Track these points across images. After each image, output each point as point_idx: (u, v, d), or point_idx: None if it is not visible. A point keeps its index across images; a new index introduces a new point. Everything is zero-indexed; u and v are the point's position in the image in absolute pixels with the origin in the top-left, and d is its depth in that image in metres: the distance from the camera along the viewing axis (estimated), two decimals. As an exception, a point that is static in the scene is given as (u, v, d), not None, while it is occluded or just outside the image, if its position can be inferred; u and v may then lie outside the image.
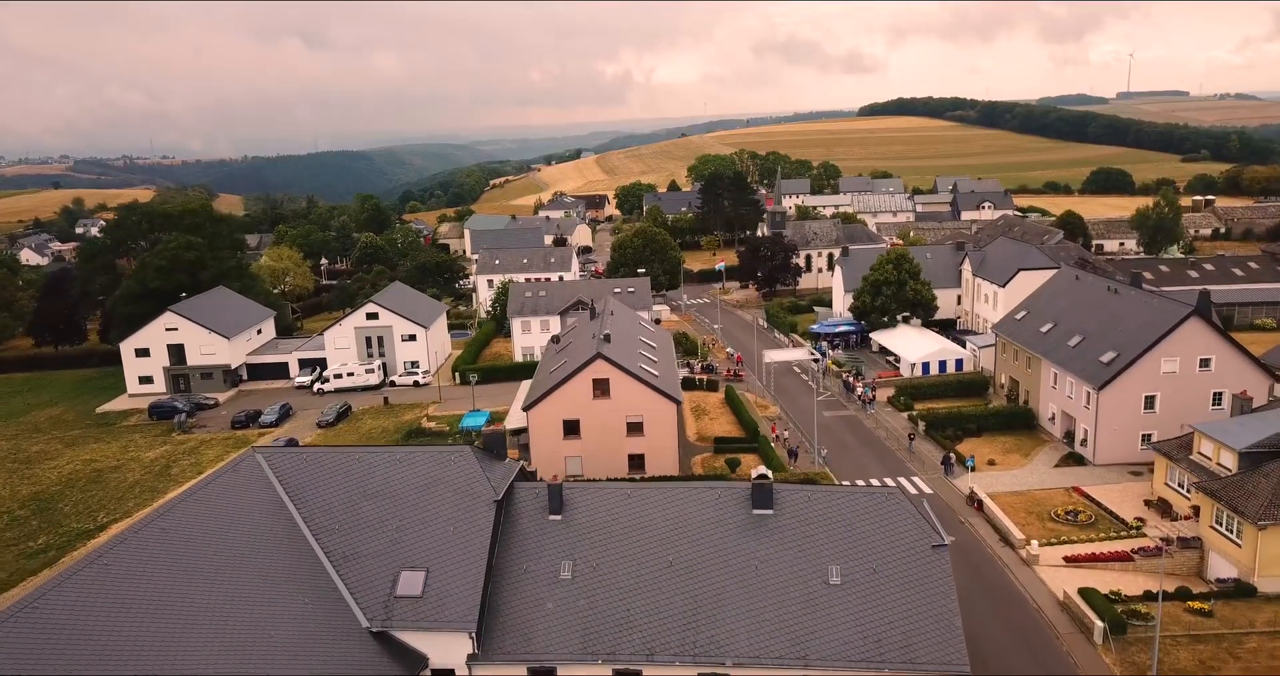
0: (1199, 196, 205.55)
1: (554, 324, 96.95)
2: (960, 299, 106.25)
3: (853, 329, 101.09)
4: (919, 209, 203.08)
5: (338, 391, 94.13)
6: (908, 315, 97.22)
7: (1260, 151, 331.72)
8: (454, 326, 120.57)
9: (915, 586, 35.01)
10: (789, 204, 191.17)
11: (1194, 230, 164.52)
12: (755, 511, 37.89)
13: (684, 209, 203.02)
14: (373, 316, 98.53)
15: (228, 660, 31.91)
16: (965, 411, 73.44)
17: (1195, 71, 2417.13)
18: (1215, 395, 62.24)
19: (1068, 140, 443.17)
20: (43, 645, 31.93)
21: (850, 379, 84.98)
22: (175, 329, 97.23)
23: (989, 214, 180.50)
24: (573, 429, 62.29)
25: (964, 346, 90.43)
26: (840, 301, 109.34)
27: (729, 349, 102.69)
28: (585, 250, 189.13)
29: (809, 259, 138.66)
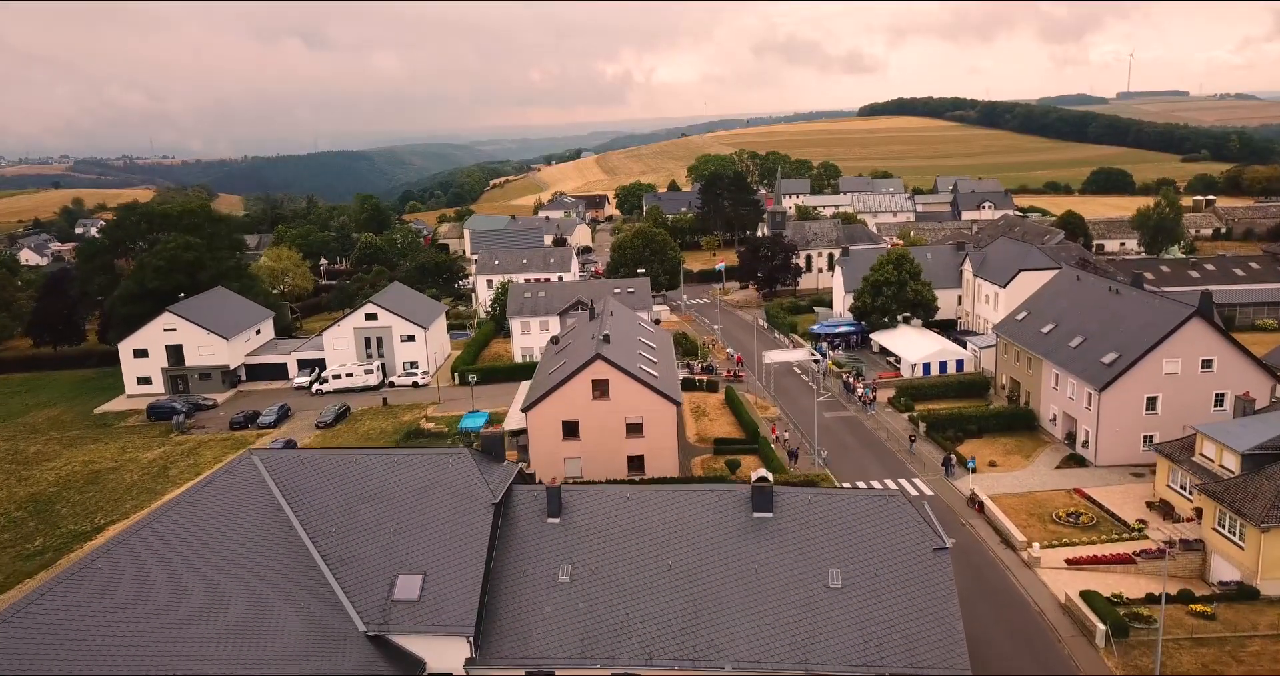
0: (1199, 196, 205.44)
1: (553, 324, 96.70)
2: (961, 299, 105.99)
3: (853, 329, 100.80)
4: (919, 209, 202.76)
5: (336, 392, 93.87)
6: (908, 316, 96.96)
7: (1260, 151, 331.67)
8: (453, 327, 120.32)
9: (916, 590, 34.76)
10: (789, 204, 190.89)
11: (1195, 230, 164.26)
12: (755, 514, 37.64)
13: (684, 209, 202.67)
14: (372, 317, 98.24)
15: (223, 664, 31.69)
16: (966, 412, 73.13)
17: (1195, 71, 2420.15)
18: (1217, 396, 61.98)
19: (1068, 140, 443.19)
20: (37, 648, 31.73)
21: (851, 380, 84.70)
22: (173, 329, 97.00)
23: (989, 214, 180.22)
24: (572, 430, 62.00)
25: (965, 347, 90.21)
26: (840, 302, 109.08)
27: (729, 349, 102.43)
28: (585, 250, 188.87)
29: (809, 259, 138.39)
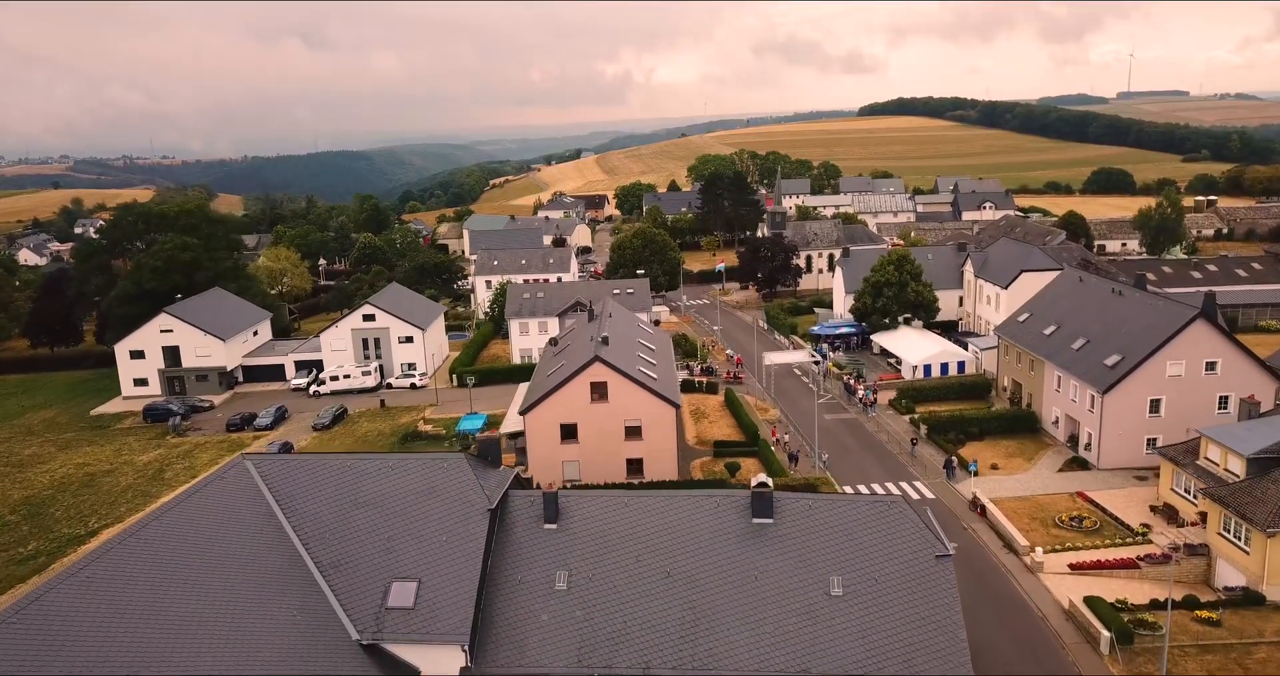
0: (1200, 197, 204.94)
1: (552, 325, 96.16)
2: (962, 300, 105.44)
3: (853, 330, 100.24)
4: (920, 209, 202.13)
5: (334, 394, 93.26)
6: (909, 317, 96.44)
7: (1261, 151, 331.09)
8: (452, 328, 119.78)
9: (919, 597, 34.17)
10: (789, 204, 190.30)
11: (1196, 231, 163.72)
12: (755, 520, 37.05)
13: (684, 209, 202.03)
14: (369, 318, 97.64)
15: (213, 673, 31.21)
16: (967, 415, 72.58)
17: (1195, 71, 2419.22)
18: (1221, 399, 61.42)
19: (1068, 140, 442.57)
20: (21, 658, 31.25)
21: (851, 381, 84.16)
22: (170, 330, 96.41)
23: (990, 214, 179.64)
24: (570, 433, 61.44)
25: (966, 348, 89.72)
26: (841, 303, 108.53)
27: (729, 351, 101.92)
28: (584, 251, 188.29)
29: (809, 260, 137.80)
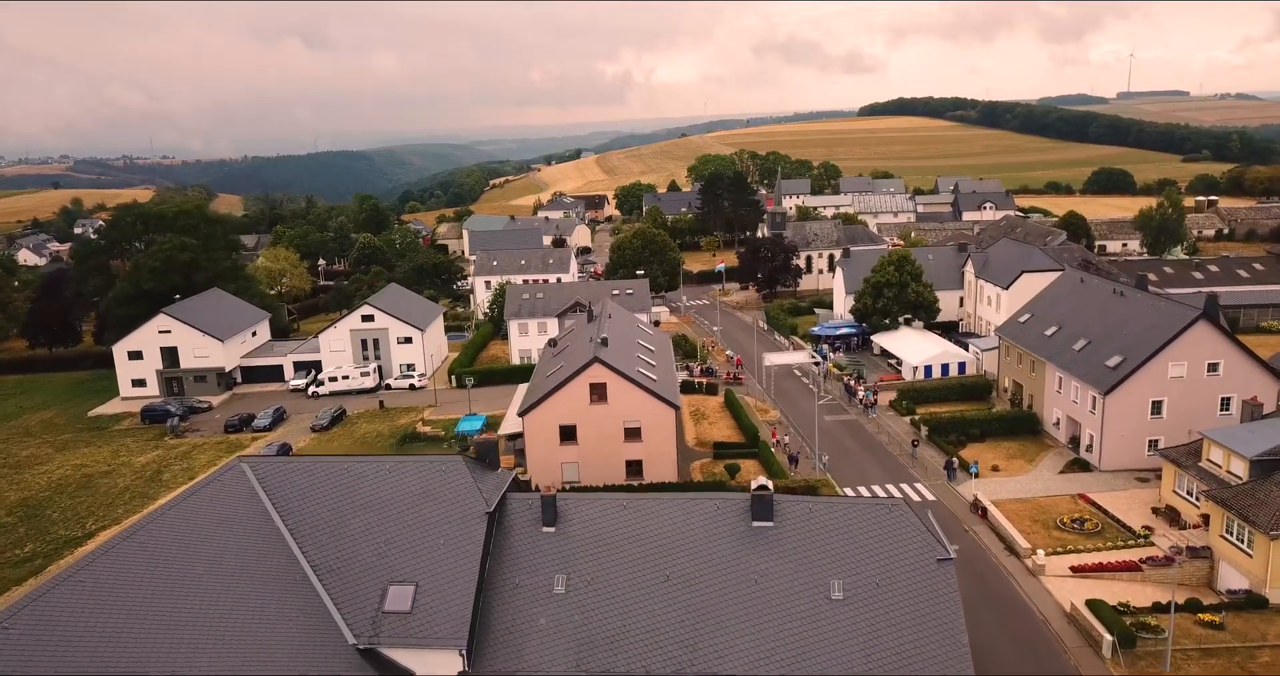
0: (1201, 197, 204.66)
1: (552, 326, 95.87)
2: (963, 301, 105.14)
3: (854, 331, 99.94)
4: (920, 209, 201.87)
5: (333, 395, 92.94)
6: (909, 317, 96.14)
7: (1261, 151, 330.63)
8: (451, 328, 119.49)
9: (920, 601, 33.88)
10: (789, 204, 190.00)
11: (1197, 231, 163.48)
12: (755, 523, 36.74)
13: (684, 209, 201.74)
14: (368, 319, 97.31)
15: (208, 679, 30.98)
16: (968, 416, 72.29)
17: (1195, 71, 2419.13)
18: (1224, 400, 61.16)
19: (1068, 140, 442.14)
20: (17, 661, 31.00)
21: (852, 382, 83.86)
22: (168, 331, 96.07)
23: (991, 214, 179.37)
24: (569, 434, 61.11)
25: (966, 349, 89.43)
26: (841, 303, 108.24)
27: (729, 351, 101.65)
28: (584, 251, 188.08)
29: (809, 260, 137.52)
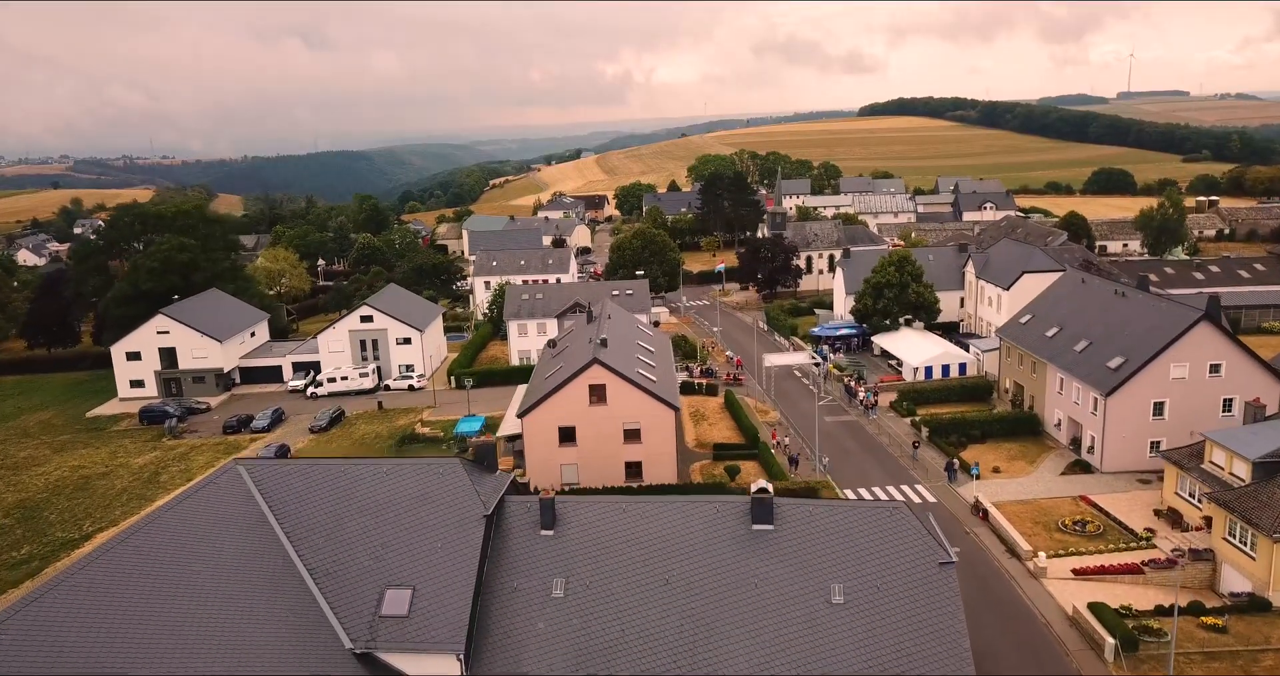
0: (1201, 197, 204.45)
1: (551, 327, 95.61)
2: (963, 301, 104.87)
3: (854, 332, 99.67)
4: (920, 210, 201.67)
5: (331, 395, 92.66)
6: (910, 318, 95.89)
7: (1261, 151, 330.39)
8: (450, 329, 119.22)
9: (921, 605, 33.60)
10: (789, 204, 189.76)
11: (1198, 231, 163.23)
12: (755, 526, 36.46)
13: (684, 209, 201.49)
14: (367, 319, 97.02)
15: (203, 684, 30.70)
16: (969, 417, 72.00)
17: (1195, 71, 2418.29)
18: (1226, 402, 60.91)
19: (1069, 140, 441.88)
20: (10, 665, 30.73)
21: (852, 383, 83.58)
22: (167, 332, 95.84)
23: (991, 215, 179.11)
24: (569, 436, 60.86)
25: (967, 350, 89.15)
26: (841, 304, 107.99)
27: (729, 352, 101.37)
28: (584, 251, 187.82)
29: (810, 260, 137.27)
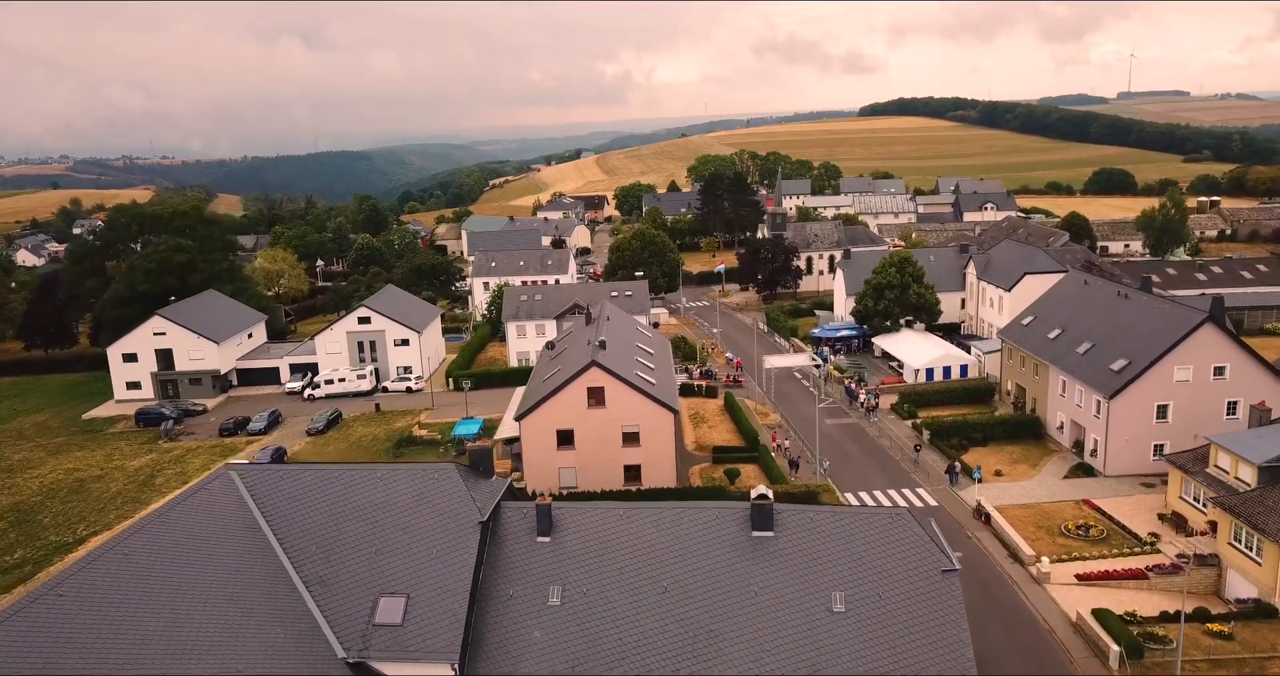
0: (1202, 197, 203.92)
1: (550, 328, 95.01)
2: (964, 303, 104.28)
3: (854, 333, 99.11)
4: (921, 210, 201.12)
5: (329, 397, 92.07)
6: (911, 319, 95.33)
7: (1262, 152, 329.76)
8: (449, 330, 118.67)
9: (923, 614, 33.03)
10: (789, 205, 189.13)
11: (1199, 231, 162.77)
12: (755, 533, 35.90)
13: (684, 210, 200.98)
14: (365, 320, 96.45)
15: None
16: (971, 420, 71.45)
17: (1196, 71, 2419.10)
18: (1230, 404, 60.32)
19: (1069, 140, 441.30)
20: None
21: (853, 385, 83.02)
22: (163, 333, 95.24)
23: (992, 215, 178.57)
24: (567, 439, 60.26)
25: (969, 352, 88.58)
26: (842, 305, 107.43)
27: (728, 354, 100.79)
28: (584, 252, 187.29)
29: (810, 261, 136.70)
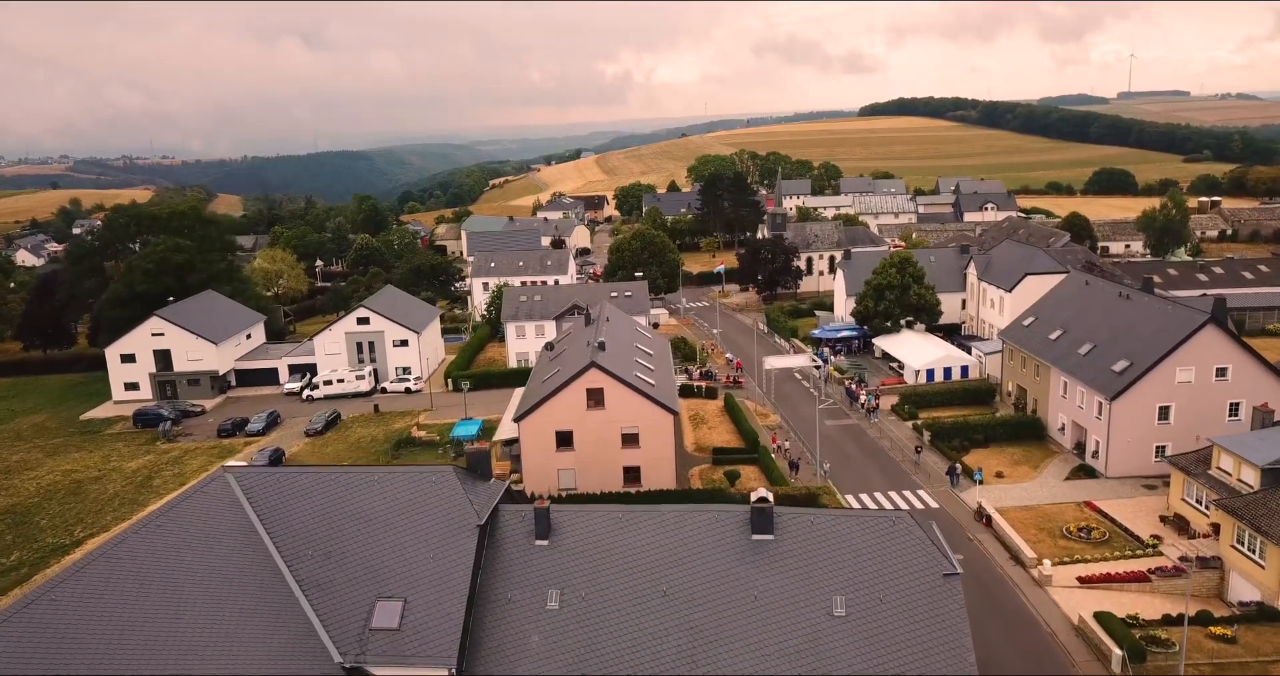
0: (1203, 197, 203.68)
1: (549, 329, 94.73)
2: (965, 303, 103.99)
3: (855, 334, 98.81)
4: (921, 210, 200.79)
5: (327, 398, 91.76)
6: (911, 320, 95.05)
7: (1263, 152, 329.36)
8: (448, 331, 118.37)
9: (925, 618, 32.77)
10: (790, 205, 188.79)
11: (1200, 232, 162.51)
12: (755, 536, 35.63)
13: (683, 210, 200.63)
14: (364, 321, 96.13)
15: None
16: (972, 421, 71.18)
17: (1196, 71, 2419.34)
18: (1232, 406, 60.04)
19: (1069, 140, 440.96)
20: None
21: (853, 386, 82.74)
22: (161, 334, 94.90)
23: (992, 215, 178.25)
24: (566, 441, 60.00)
25: (969, 353, 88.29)
26: (842, 305, 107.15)
27: (728, 354, 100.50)
28: (583, 252, 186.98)
29: (810, 261, 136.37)
